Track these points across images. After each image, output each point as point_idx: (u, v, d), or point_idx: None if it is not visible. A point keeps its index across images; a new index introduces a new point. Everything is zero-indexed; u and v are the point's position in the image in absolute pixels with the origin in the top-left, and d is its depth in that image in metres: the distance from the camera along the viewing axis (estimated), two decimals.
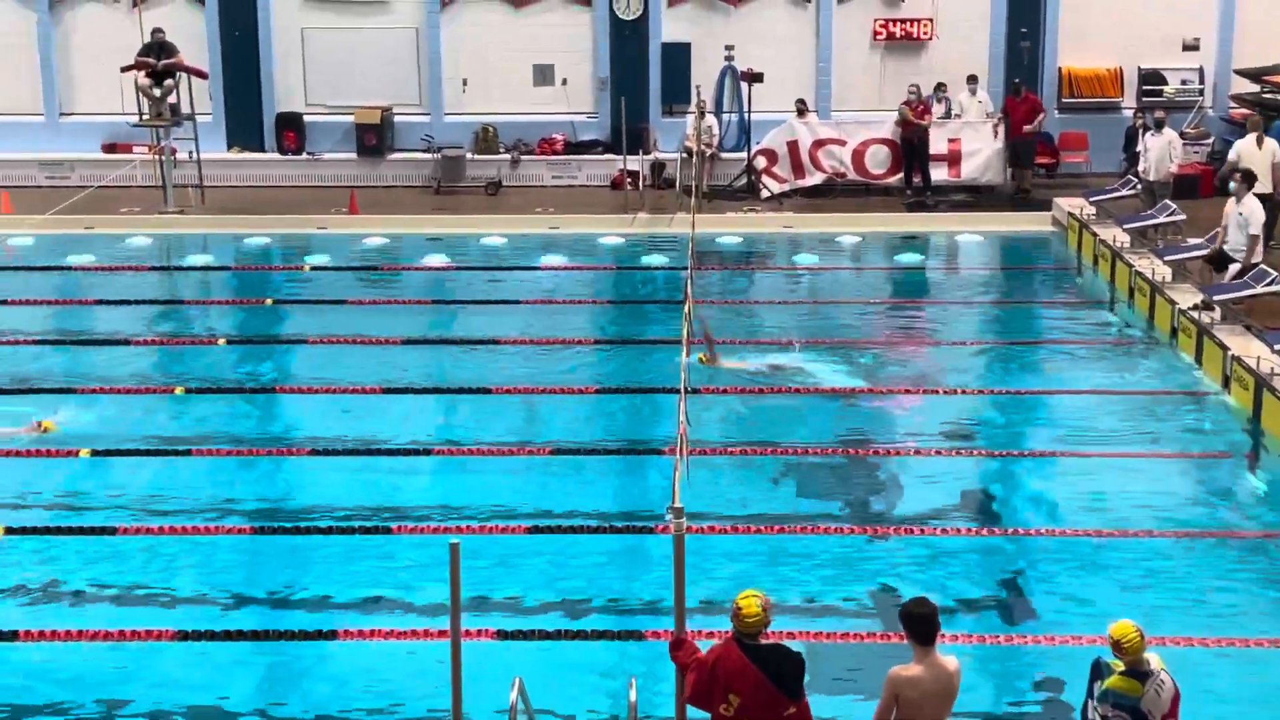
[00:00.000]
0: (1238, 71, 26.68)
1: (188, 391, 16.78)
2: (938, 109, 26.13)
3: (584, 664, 10.79)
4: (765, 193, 25.93)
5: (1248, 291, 17.59)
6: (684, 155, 25.85)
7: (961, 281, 22.44)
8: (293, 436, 15.62)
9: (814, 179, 26.15)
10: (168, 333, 19.37)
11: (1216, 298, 17.70)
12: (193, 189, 25.42)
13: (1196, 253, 19.46)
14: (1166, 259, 19.81)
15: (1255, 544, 12.80)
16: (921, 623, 8.05)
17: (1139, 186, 22.89)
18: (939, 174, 25.81)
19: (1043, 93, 26.86)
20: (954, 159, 25.89)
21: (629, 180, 25.58)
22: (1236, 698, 10.30)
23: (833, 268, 22.90)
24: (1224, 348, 16.50)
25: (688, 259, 17.69)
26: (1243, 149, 20.28)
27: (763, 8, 27.54)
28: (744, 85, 26.44)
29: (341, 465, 14.50)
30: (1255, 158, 19.86)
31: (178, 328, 19.67)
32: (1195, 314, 17.62)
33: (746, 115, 26.55)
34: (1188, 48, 27.37)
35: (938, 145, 25.74)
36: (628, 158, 25.70)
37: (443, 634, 10.32)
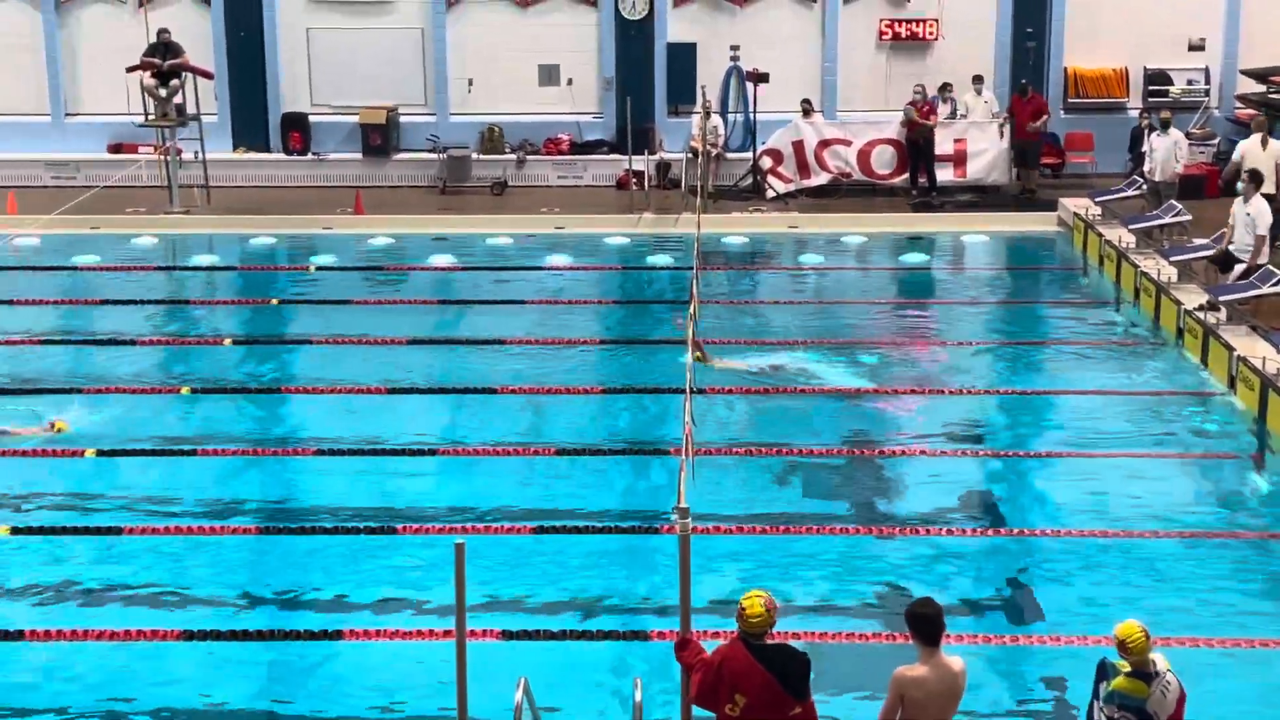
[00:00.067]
0: (1244, 72, 26.64)
1: (193, 391, 16.81)
2: (943, 109, 26.09)
3: (589, 664, 10.79)
4: (770, 193, 25.92)
5: (1254, 292, 17.56)
6: (689, 155, 25.82)
7: (967, 282, 22.40)
8: (297, 436, 15.62)
9: (819, 179, 26.13)
10: (173, 333, 19.37)
11: (1222, 298, 17.68)
12: (198, 189, 25.44)
13: (1202, 253, 19.44)
14: (1172, 259, 19.79)
15: (1260, 544, 12.79)
16: (927, 623, 8.04)
17: (1144, 187, 22.88)
18: (944, 174, 25.78)
19: (1048, 93, 26.82)
20: (959, 159, 25.86)
21: (634, 180, 25.58)
22: (1242, 699, 10.28)
23: (838, 268, 22.89)
24: (1230, 348, 16.48)
25: (693, 259, 17.70)
26: (1247, 149, 20.25)
27: (768, 8, 27.52)
28: (749, 85, 26.41)
29: (347, 465, 14.50)
30: (1260, 158, 19.83)
31: (183, 328, 19.66)
32: (1201, 314, 17.60)
33: (752, 115, 26.54)
34: (1194, 48, 27.33)
35: (943, 145, 25.72)
36: (633, 158, 25.69)
37: (448, 634, 10.34)
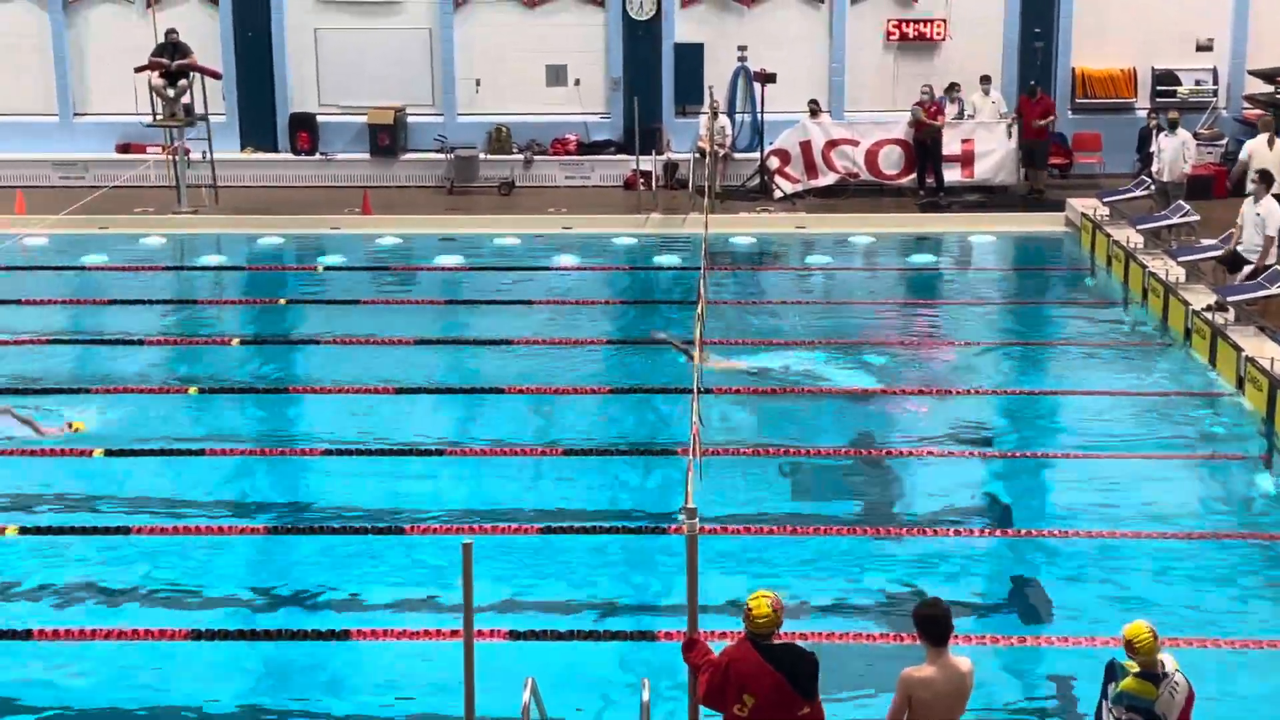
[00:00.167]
0: (1251, 72, 26.62)
1: (201, 391, 16.82)
2: (951, 109, 26.10)
3: (596, 664, 10.78)
4: (778, 193, 25.92)
5: (1262, 293, 17.53)
6: (697, 155, 25.83)
7: (974, 282, 22.37)
8: (304, 436, 15.63)
9: (827, 179, 26.12)
10: (181, 333, 19.39)
11: (1230, 299, 17.65)
12: (206, 189, 25.46)
13: (1210, 253, 19.41)
14: (1180, 260, 19.76)
15: (1269, 545, 12.77)
16: (934, 624, 8.04)
17: (1152, 187, 22.85)
18: (952, 174, 25.77)
19: (1056, 93, 26.78)
20: (967, 159, 25.85)
21: (642, 181, 25.59)
22: (1251, 700, 10.27)
23: (845, 268, 22.88)
24: (1238, 349, 16.46)
25: (700, 259, 17.69)
26: (1254, 149, 20.23)
27: (776, 8, 27.52)
28: (757, 85, 26.42)
29: (354, 465, 14.51)
30: (1267, 158, 19.82)
31: (191, 328, 19.68)
32: (1209, 315, 17.58)
33: (759, 116, 26.54)
34: (1201, 48, 27.29)
35: (951, 146, 25.70)
36: (641, 158, 25.70)
37: (455, 634, 10.35)
